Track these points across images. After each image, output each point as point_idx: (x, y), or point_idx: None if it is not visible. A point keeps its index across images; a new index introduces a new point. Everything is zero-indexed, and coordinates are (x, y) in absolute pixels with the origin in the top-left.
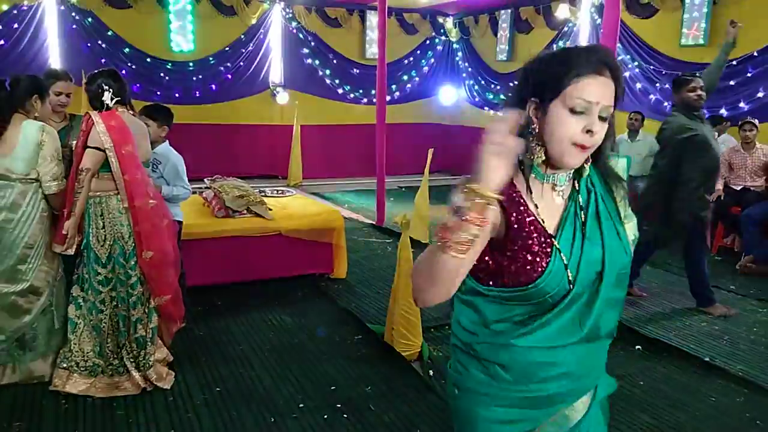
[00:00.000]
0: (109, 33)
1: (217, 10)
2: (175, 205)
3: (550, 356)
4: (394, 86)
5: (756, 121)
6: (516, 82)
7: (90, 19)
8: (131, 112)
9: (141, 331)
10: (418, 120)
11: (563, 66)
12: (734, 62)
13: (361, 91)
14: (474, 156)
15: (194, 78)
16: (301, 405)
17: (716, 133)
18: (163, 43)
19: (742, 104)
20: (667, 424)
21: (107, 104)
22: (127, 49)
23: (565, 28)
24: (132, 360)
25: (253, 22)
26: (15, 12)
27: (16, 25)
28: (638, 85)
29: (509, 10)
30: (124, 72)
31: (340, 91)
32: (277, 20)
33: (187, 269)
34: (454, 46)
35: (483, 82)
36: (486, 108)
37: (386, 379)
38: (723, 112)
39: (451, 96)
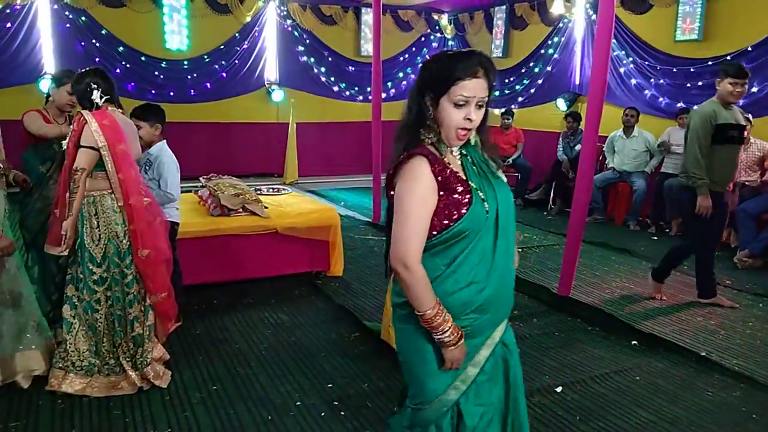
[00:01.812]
0: (103, 32)
1: (211, 8)
2: (172, 207)
3: (473, 293)
4: (389, 83)
5: (750, 116)
6: (418, 77)
7: (83, 18)
8: (120, 111)
9: (138, 329)
10: None
11: (448, 71)
12: (729, 57)
13: (356, 88)
14: None
15: (189, 76)
16: (298, 403)
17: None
18: (157, 42)
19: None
20: (664, 419)
21: (97, 103)
22: (121, 48)
23: (560, 24)
24: (129, 359)
25: (248, 20)
26: (8, 11)
27: (9, 24)
28: (633, 81)
29: (504, 7)
30: (118, 71)
31: (336, 88)
32: (272, 18)
33: (184, 268)
34: (450, 42)
35: None
36: None
37: (383, 376)
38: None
39: None
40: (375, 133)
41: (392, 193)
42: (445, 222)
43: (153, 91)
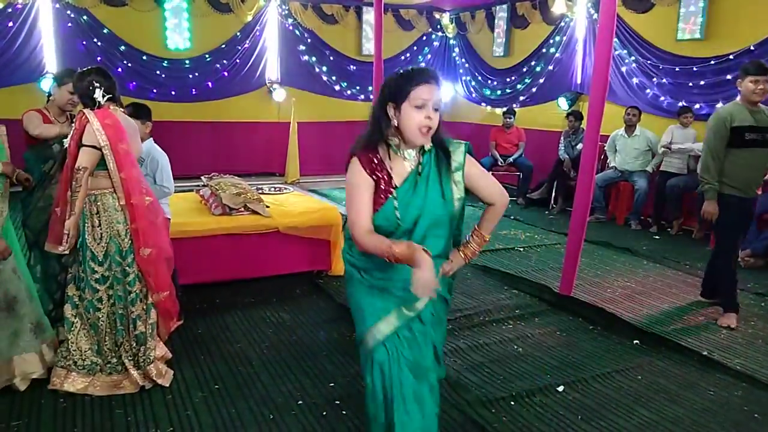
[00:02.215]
0: (105, 31)
1: (212, 8)
2: (163, 203)
3: (392, 271)
4: None
5: None
6: (379, 92)
7: (85, 17)
8: (122, 109)
9: (140, 328)
10: None
11: (407, 81)
12: (731, 56)
13: (358, 87)
14: None
15: (190, 75)
16: (299, 402)
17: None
18: (158, 41)
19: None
20: (666, 419)
21: (99, 102)
22: (122, 47)
23: (562, 23)
24: (131, 358)
25: (249, 19)
26: (9, 10)
27: (10, 24)
28: (635, 80)
29: (506, 6)
30: (120, 70)
31: (337, 87)
32: (273, 17)
33: (185, 267)
34: (451, 41)
35: (480, 77)
36: (483, 104)
37: None
38: (720, 106)
39: (447, 92)
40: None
41: None
42: (374, 208)
43: (154, 90)
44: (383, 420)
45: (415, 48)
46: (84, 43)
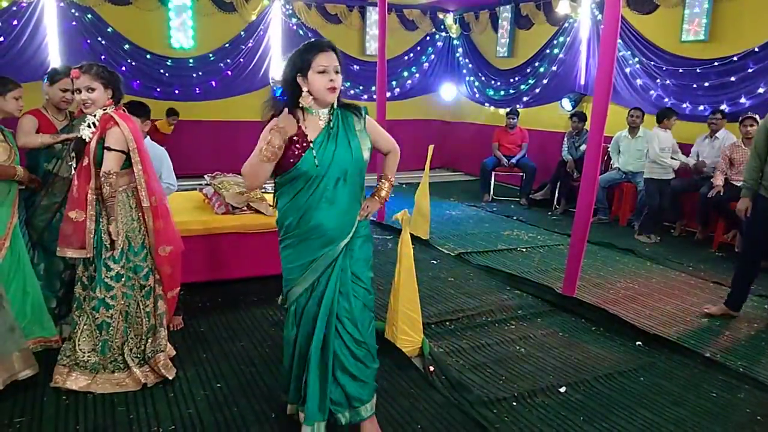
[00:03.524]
0: (109, 29)
1: (216, 7)
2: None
3: (311, 217)
4: (394, 82)
5: (757, 117)
6: (285, 67)
7: (89, 16)
8: (123, 109)
9: (152, 320)
10: (418, 116)
11: (308, 53)
12: (735, 58)
13: (361, 87)
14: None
15: (194, 75)
16: None
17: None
18: (162, 40)
19: (743, 100)
20: (668, 420)
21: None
22: (126, 46)
23: (566, 24)
24: (135, 357)
25: (253, 18)
26: (14, 9)
27: (15, 22)
28: (639, 82)
29: (510, 6)
30: (124, 69)
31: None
32: (277, 16)
33: (188, 266)
34: (455, 42)
35: (483, 78)
36: (486, 104)
37: (386, 374)
38: (724, 107)
39: (451, 92)
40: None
41: None
42: (286, 167)
43: (158, 89)
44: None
45: (418, 48)
46: (88, 41)
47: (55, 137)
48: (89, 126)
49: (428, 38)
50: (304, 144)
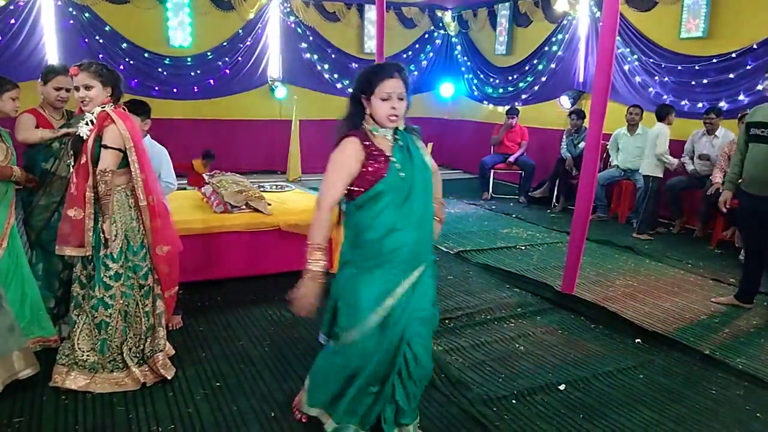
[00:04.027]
0: (107, 28)
1: (214, 5)
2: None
3: (396, 237)
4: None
5: None
6: (353, 87)
7: (87, 14)
8: (123, 108)
9: (151, 320)
10: (416, 114)
11: (375, 76)
12: (734, 55)
13: None
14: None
15: (192, 73)
16: None
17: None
18: (160, 38)
19: (741, 97)
20: (668, 417)
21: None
22: (124, 45)
23: (564, 21)
24: (134, 357)
25: (251, 16)
26: (11, 7)
27: (12, 21)
28: (637, 79)
29: (508, 4)
30: (121, 67)
31: (339, 85)
32: (275, 15)
33: (186, 265)
34: (453, 40)
35: (482, 76)
36: (485, 102)
37: None
38: (723, 104)
39: (449, 90)
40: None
41: None
42: (370, 183)
43: (156, 88)
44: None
45: (417, 46)
46: (86, 40)
47: (55, 132)
48: (87, 123)
49: (427, 36)
50: (382, 158)
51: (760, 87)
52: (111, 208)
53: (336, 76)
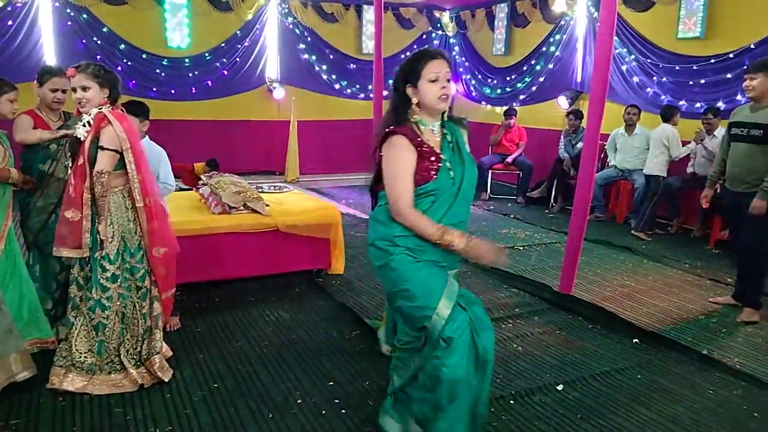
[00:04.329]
0: (105, 29)
1: (212, 6)
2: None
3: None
4: (391, 81)
5: None
6: (394, 79)
7: (85, 16)
8: (121, 109)
9: (148, 322)
10: None
11: (418, 61)
12: (731, 55)
13: (357, 86)
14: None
15: (190, 74)
16: (299, 401)
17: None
18: (158, 39)
19: (739, 97)
20: (665, 417)
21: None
22: (122, 46)
23: (562, 22)
24: (132, 358)
25: (249, 17)
26: (9, 9)
27: (10, 22)
28: (635, 79)
29: (506, 4)
30: (119, 69)
31: (337, 86)
32: (273, 16)
33: (184, 266)
34: (451, 40)
35: (480, 76)
36: (483, 102)
37: (384, 374)
38: (720, 104)
39: None
40: (376, 131)
41: (381, 154)
42: (419, 182)
43: (154, 89)
44: (475, 389)
45: (415, 47)
46: (84, 41)
47: (53, 133)
48: (84, 125)
49: (425, 37)
50: (433, 158)
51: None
52: (107, 209)
53: (334, 76)
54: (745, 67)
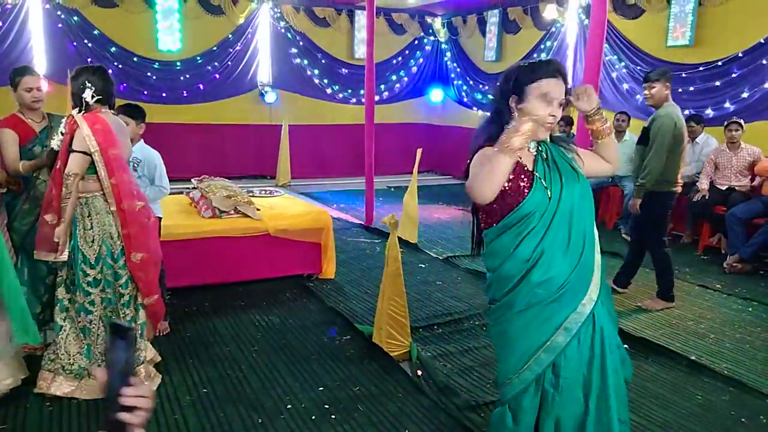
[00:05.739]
0: (96, 32)
1: (204, 10)
2: (154, 202)
3: (542, 270)
4: (382, 86)
5: (742, 122)
6: (499, 84)
7: (76, 18)
8: (112, 111)
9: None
10: (406, 120)
11: (532, 72)
12: (720, 63)
13: (349, 91)
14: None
15: (181, 77)
16: (288, 406)
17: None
18: (150, 43)
19: (727, 104)
20: (654, 423)
21: (86, 102)
22: (113, 49)
23: (553, 29)
24: None
25: (241, 21)
26: None
27: (0, 24)
28: (625, 86)
29: (497, 11)
30: (110, 71)
31: (329, 91)
32: (265, 20)
33: (174, 270)
34: (443, 46)
35: (471, 82)
36: (474, 108)
37: (374, 379)
38: (709, 112)
39: (439, 96)
40: (368, 136)
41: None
42: (512, 205)
43: (145, 92)
44: None
45: (406, 52)
46: (74, 44)
47: (32, 165)
48: (60, 134)
49: (416, 42)
50: (523, 174)
51: (745, 94)
52: (69, 212)
53: (326, 81)
54: (734, 75)
